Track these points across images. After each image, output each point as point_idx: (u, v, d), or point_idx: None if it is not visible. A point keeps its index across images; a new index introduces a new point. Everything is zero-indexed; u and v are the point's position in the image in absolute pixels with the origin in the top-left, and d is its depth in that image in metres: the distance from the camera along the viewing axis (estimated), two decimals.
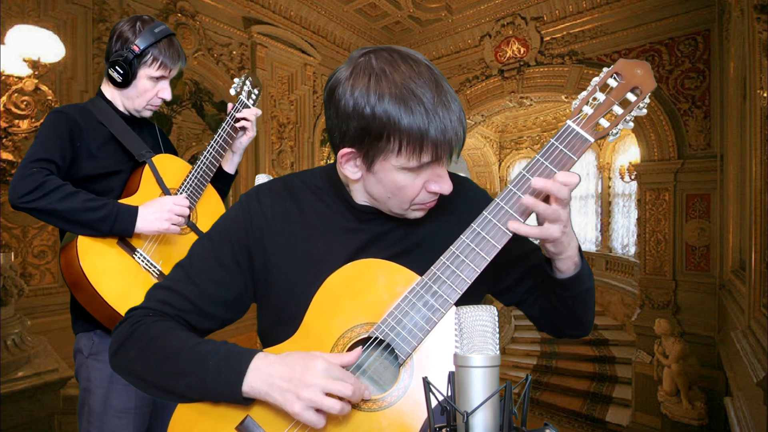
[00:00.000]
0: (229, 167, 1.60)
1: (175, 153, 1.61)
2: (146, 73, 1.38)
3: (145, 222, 1.28)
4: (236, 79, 1.58)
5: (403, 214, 0.80)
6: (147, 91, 1.40)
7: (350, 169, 0.77)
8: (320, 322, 0.75)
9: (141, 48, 1.34)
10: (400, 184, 0.74)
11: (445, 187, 0.76)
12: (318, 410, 0.66)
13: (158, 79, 1.40)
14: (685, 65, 5.19)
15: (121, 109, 1.44)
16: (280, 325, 0.80)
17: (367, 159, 0.74)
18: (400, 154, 0.71)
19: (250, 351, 0.72)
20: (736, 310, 3.89)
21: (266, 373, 0.69)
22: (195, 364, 0.72)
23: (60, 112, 1.34)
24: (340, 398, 0.67)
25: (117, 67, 1.35)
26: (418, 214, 0.80)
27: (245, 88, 1.57)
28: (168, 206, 1.31)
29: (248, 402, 0.71)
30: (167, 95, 1.44)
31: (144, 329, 0.77)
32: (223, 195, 1.62)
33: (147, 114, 1.46)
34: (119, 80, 1.36)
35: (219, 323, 0.83)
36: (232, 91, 1.56)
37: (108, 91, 1.43)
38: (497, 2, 6.39)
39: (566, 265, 0.77)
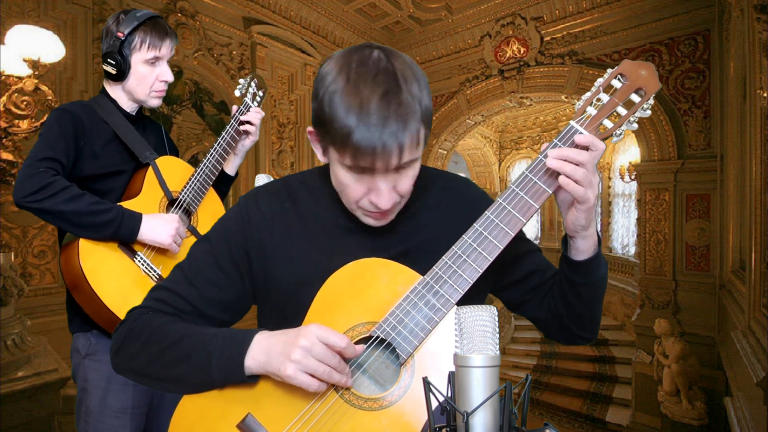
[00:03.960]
0: (230, 169, 1.60)
1: (177, 152, 1.60)
2: (139, 58, 1.37)
3: (152, 231, 1.29)
4: (241, 80, 1.56)
5: (355, 214, 0.79)
6: (146, 76, 1.38)
7: (316, 150, 0.78)
8: (321, 321, 0.75)
9: (125, 33, 1.33)
10: (343, 180, 0.74)
11: (380, 202, 0.72)
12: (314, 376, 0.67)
13: (153, 62, 1.38)
14: (685, 65, 5.19)
15: (125, 107, 1.43)
16: (280, 325, 0.80)
17: (321, 143, 0.75)
18: (334, 148, 0.70)
19: (252, 329, 0.74)
20: (736, 310, 3.89)
21: (266, 343, 0.71)
22: (199, 345, 0.73)
23: (64, 110, 1.33)
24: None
25: (109, 60, 1.35)
26: (370, 221, 0.78)
27: (250, 89, 1.55)
28: (175, 224, 1.32)
29: (252, 380, 0.72)
30: (169, 77, 1.41)
31: (143, 324, 0.77)
32: (223, 196, 1.62)
33: (154, 103, 1.44)
34: (114, 72, 1.35)
35: (218, 325, 0.84)
36: (237, 93, 1.54)
37: (111, 89, 1.42)
38: (497, 2, 6.38)
39: (587, 244, 0.77)
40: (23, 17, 3.63)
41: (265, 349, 0.70)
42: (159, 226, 1.30)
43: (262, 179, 1.65)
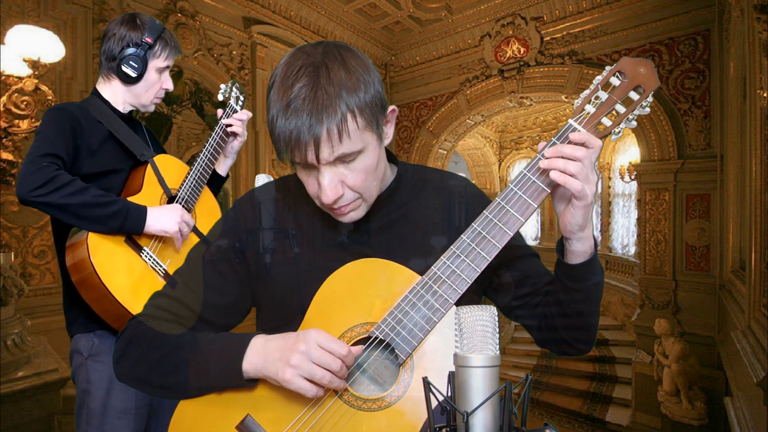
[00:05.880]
0: (222, 170, 1.63)
1: (164, 152, 1.62)
2: (155, 64, 1.41)
3: (158, 221, 1.30)
4: (222, 85, 1.62)
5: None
6: (154, 83, 1.43)
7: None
8: (320, 321, 0.75)
9: (153, 40, 1.37)
10: (300, 177, 0.75)
11: (322, 196, 0.72)
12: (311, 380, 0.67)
13: (162, 71, 1.43)
14: (685, 65, 5.19)
15: (120, 107, 1.44)
16: (279, 327, 0.80)
17: None
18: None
19: (249, 333, 0.74)
20: (736, 310, 3.89)
21: (263, 347, 0.71)
22: (198, 351, 0.74)
23: (61, 109, 1.34)
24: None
25: (131, 62, 1.37)
26: (340, 218, 0.77)
27: (233, 93, 1.60)
28: (179, 212, 1.33)
29: (250, 383, 0.72)
30: (171, 85, 1.48)
31: (142, 332, 0.78)
32: (214, 196, 1.65)
33: (152, 109, 1.49)
34: (134, 75, 1.38)
35: (218, 328, 0.84)
36: (220, 97, 1.60)
37: (107, 89, 1.43)
38: (497, 2, 6.39)
39: (583, 247, 0.75)
40: (23, 17, 3.63)
41: (262, 353, 0.70)
42: (164, 216, 1.31)
43: (262, 179, 1.66)
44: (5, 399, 2.52)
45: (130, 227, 1.27)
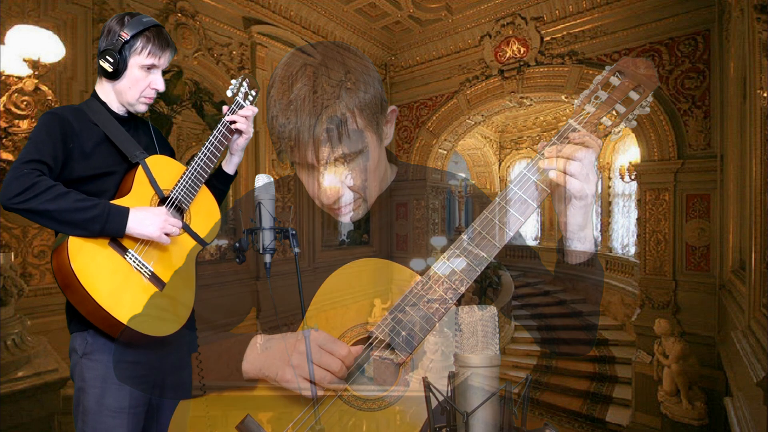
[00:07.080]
0: (229, 168, 1.59)
1: (172, 152, 1.60)
2: (137, 61, 1.38)
3: (140, 224, 1.27)
4: (233, 80, 1.58)
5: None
6: (139, 81, 1.39)
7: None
8: (320, 321, 0.75)
9: (130, 35, 1.35)
10: (300, 175, 0.75)
11: (323, 196, 0.72)
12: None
13: (149, 69, 1.40)
14: (685, 65, 5.19)
15: (115, 108, 1.44)
16: (279, 326, 0.80)
17: None
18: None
19: (249, 333, 0.76)
20: (736, 310, 3.89)
21: (263, 347, 0.72)
22: (198, 351, 0.74)
23: (52, 113, 1.34)
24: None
25: (107, 56, 1.36)
26: (340, 218, 0.78)
27: (242, 89, 1.57)
28: (164, 217, 1.31)
29: (251, 383, 0.72)
30: (160, 86, 1.43)
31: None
32: (222, 195, 1.61)
33: (141, 108, 1.46)
34: (110, 69, 1.36)
35: (218, 328, 0.84)
36: (229, 93, 1.56)
37: (102, 90, 1.43)
38: (497, 2, 6.39)
39: (584, 247, 0.75)
40: (23, 17, 3.63)
41: (262, 353, 0.71)
42: (146, 219, 1.28)
43: (262, 179, 1.64)
44: (5, 399, 2.52)
45: (110, 230, 1.26)
